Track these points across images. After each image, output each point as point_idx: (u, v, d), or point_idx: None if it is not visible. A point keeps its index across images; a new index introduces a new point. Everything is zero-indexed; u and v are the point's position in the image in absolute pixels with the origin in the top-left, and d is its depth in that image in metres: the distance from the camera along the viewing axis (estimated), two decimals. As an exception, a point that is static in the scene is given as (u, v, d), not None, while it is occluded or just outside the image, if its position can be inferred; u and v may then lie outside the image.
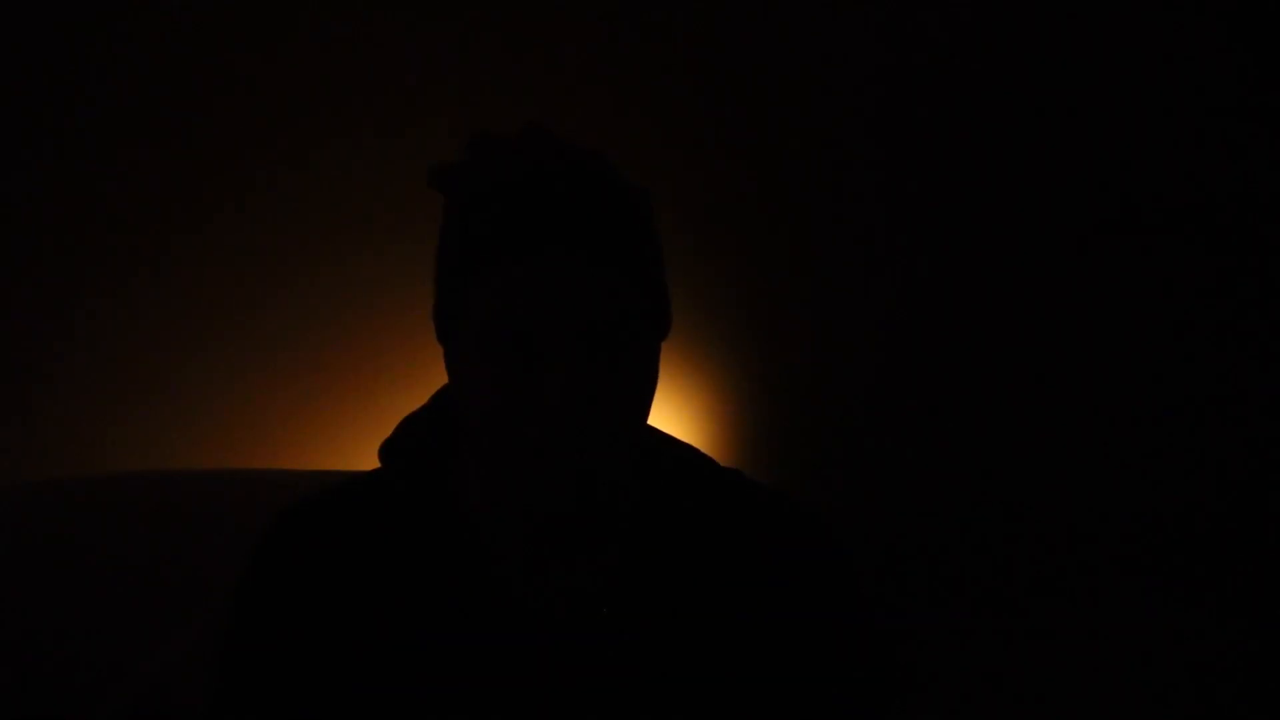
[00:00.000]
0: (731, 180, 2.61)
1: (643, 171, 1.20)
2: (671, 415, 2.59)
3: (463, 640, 1.16)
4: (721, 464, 1.31)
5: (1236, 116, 2.60)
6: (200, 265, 2.52)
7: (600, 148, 1.18)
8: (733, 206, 2.61)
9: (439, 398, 1.29)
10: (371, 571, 1.19)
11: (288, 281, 2.54)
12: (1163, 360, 2.64)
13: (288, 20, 2.50)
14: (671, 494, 1.24)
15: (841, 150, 2.62)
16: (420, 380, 2.33)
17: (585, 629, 1.17)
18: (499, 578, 1.18)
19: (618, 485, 1.19)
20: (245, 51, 2.50)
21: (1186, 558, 2.64)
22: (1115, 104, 2.60)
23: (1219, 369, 2.64)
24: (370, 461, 1.30)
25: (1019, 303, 2.64)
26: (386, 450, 1.27)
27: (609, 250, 1.10)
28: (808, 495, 1.32)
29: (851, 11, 2.58)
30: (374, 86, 2.52)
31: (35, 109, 2.47)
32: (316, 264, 2.54)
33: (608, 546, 1.20)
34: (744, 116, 2.61)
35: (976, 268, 2.63)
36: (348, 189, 2.54)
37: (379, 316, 2.55)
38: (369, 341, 2.56)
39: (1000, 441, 2.65)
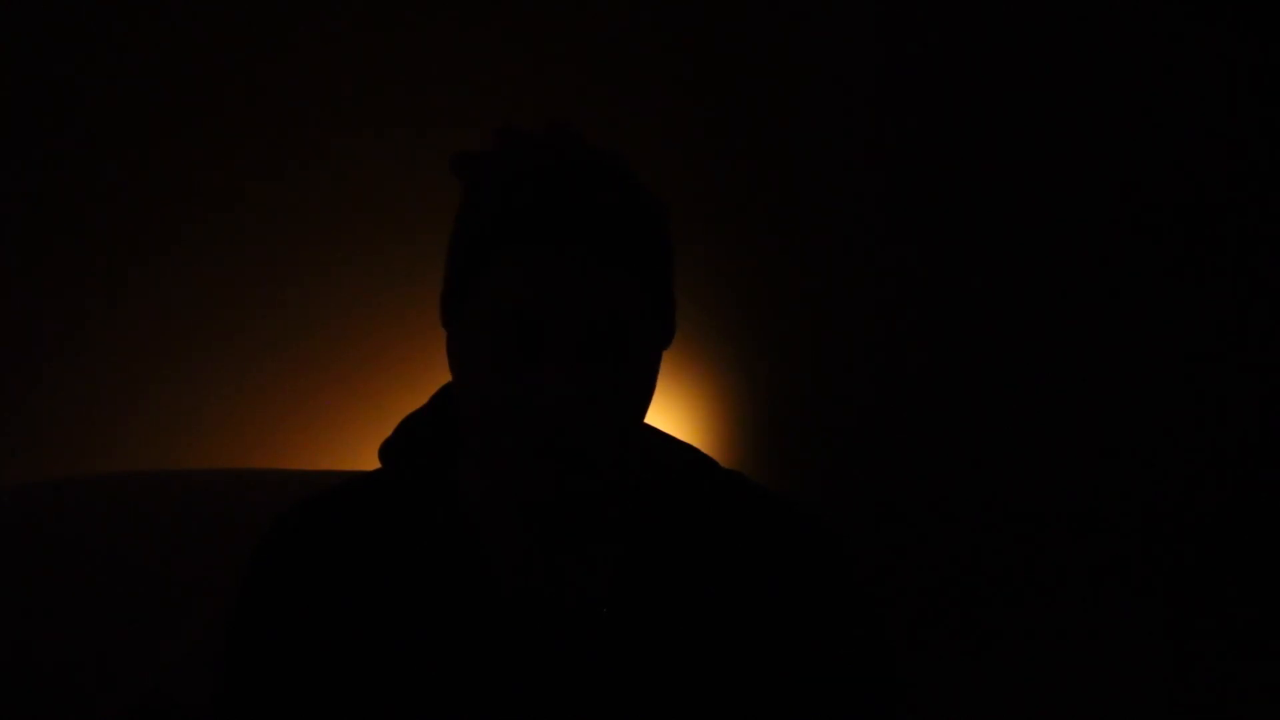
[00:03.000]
0: (732, 180, 2.61)
1: (643, 172, 1.20)
2: (671, 415, 2.59)
3: (463, 640, 1.17)
4: (722, 465, 1.31)
5: (1237, 116, 2.60)
6: (200, 265, 2.52)
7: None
8: (733, 207, 2.61)
9: (440, 397, 1.29)
10: (372, 571, 1.19)
11: (288, 282, 2.54)
12: (1162, 359, 2.64)
13: (289, 19, 2.50)
14: (672, 495, 1.24)
15: (841, 151, 2.62)
16: (420, 380, 2.33)
17: (585, 629, 1.17)
18: (499, 578, 1.18)
19: (610, 482, 1.18)
20: (247, 50, 2.50)
21: (1187, 557, 2.64)
22: (1115, 104, 2.60)
23: (1218, 368, 2.64)
24: (370, 461, 1.30)
25: (1018, 303, 2.64)
26: (386, 450, 1.27)
27: (624, 252, 1.11)
28: (808, 495, 1.32)
29: (850, 12, 2.58)
30: (377, 87, 2.52)
31: (35, 108, 2.47)
32: (317, 264, 2.54)
33: (602, 543, 1.20)
34: (744, 117, 2.61)
35: (976, 268, 2.63)
36: (349, 189, 2.54)
37: (379, 316, 2.55)
38: (369, 341, 2.55)
39: (1000, 442, 2.65)
